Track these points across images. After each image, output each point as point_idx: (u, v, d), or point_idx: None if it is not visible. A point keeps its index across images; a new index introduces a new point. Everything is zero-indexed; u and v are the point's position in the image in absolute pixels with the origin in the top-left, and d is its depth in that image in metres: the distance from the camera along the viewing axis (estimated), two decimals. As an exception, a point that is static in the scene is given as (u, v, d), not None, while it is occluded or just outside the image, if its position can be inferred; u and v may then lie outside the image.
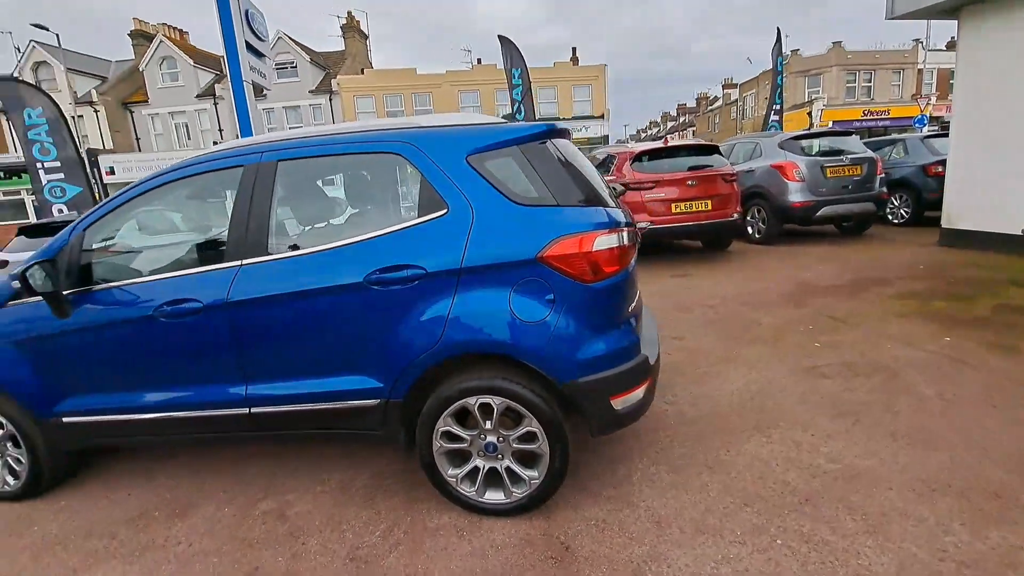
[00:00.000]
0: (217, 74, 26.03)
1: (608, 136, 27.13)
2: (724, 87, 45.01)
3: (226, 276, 2.22)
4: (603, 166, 7.76)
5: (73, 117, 24.26)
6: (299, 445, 2.88)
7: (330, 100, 25.96)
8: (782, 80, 12.51)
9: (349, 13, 28.62)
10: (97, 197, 11.89)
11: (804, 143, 7.89)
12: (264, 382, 2.27)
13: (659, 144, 7.48)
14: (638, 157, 7.02)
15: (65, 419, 2.47)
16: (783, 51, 14.27)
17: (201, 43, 29.41)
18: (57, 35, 20.09)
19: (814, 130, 9.17)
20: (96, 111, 24.66)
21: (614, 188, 3.01)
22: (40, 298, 2.32)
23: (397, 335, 2.10)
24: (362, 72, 26.63)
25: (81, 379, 2.45)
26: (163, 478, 2.72)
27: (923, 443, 2.45)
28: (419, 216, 2.14)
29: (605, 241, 2.07)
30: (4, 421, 2.54)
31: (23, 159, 8.59)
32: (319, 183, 2.69)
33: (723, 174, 6.91)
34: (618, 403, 2.12)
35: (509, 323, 2.03)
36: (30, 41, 23.09)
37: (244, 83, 9.34)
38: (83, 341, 2.38)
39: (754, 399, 3.01)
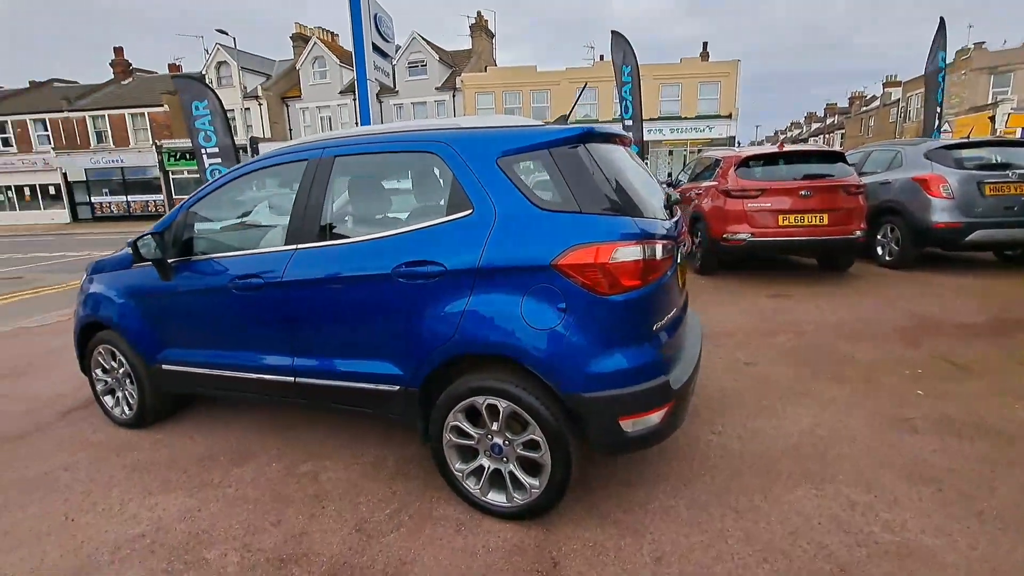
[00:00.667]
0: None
1: (734, 137, 25.26)
2: (885, 85, 39.57)
3: (283, 258, 2.48)
4: (709, 170, 7.27)
5: (242, 109, 28.36)
6: (350, 419, 3.12)
7: (454, 96, 27.31)
8: (944, 78, 10.67)
9: (479, 13, 29.78)
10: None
11: (959, 154, 6.67)
12: (307, 356, 2.51)
13: (770, 148, 6.82)
14: (744, 162, 6.46)
15: (164, 366, 2.95)
16: (953, 44, 12.15)
17: (348, 44, 32.56)
18: (234, 39, 23.46)
19: (975, 139, 7.69)
20: (260, 104, 28.46)
21: (670, 196, 2.82)
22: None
23: (417, 327, 2.20)
24: (485, 70, 27.61)
25: (176, 334, 2.91)
26: (237, 428, 3.13)
27: (1018, 531, 2.00)
28: (448, 214, 2.21)
29: (626, 253, 1.97)
30: (124, 361, 3.09)
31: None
32: (370, 178, 2.88)
33: (846, 185, 6.12)
34: (628, 425, 2.02)
35: (518, 327, 2.02)
36: (215, 44, 27.24)
37: (368, 81, 10.22)
38: (179, 302, 2.83)
39: (815, 444, 2.67)
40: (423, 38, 27.07)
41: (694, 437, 2.79)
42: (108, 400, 3.27)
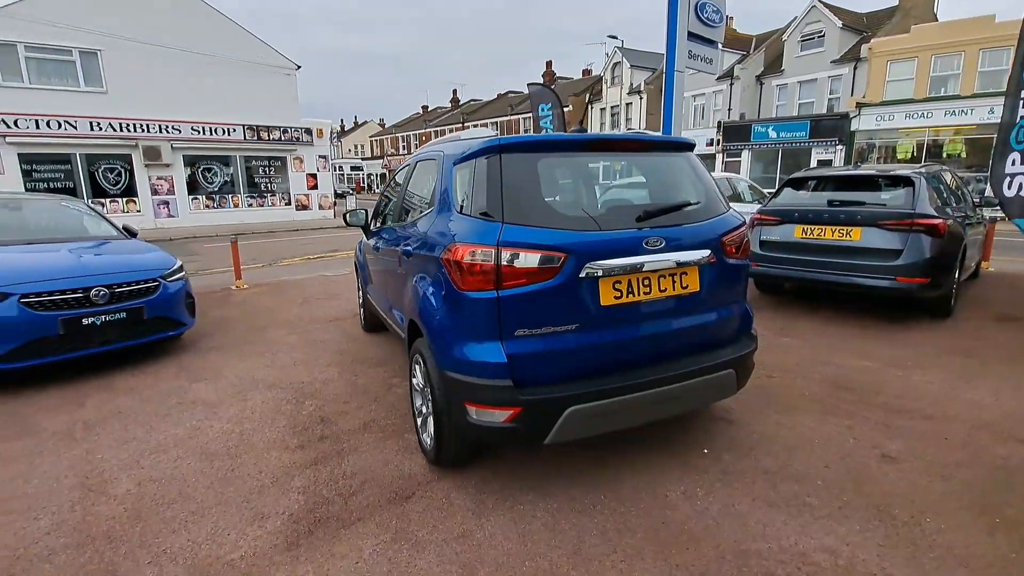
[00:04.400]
0: (743, 54, 27.17)
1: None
2: None
3: (404, 231, 3.41)
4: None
5: (624, 105, 31.54)
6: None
7: (854, 69, 22.55)
8: None
9: (921, -45, 23.03)
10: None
11: None
12: (386, 299, 3.64)
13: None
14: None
15: (368, 295, 4.69)
16: None
17: (741, 28, 31.03)
18: (622, 40, 26.20)
19: None
20: (641, 98, 30.93)
21: (651, 210, 2.47)
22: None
23: (405, 294, 2.96)
24: (908, 31, 21.47)
25: (368, 276, 4.54)
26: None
27: None
28: (433, 209, 2.79)
29: (475, 255, 2.16)
30: (361, 294, 5.02)
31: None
32: (422, 178, 3.43)
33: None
34: (472, 411, 2.24)
35: (426, 306, 2.52)
36: (615, 48, 30.98)
37: (676, 72, 10.13)
38: (370, 256, 4.40)
39: None
40: (825, 4, 23.22)
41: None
42: (361, 311, 5.33)
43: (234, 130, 18.50)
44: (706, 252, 2.47)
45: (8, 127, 14.58)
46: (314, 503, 2.49)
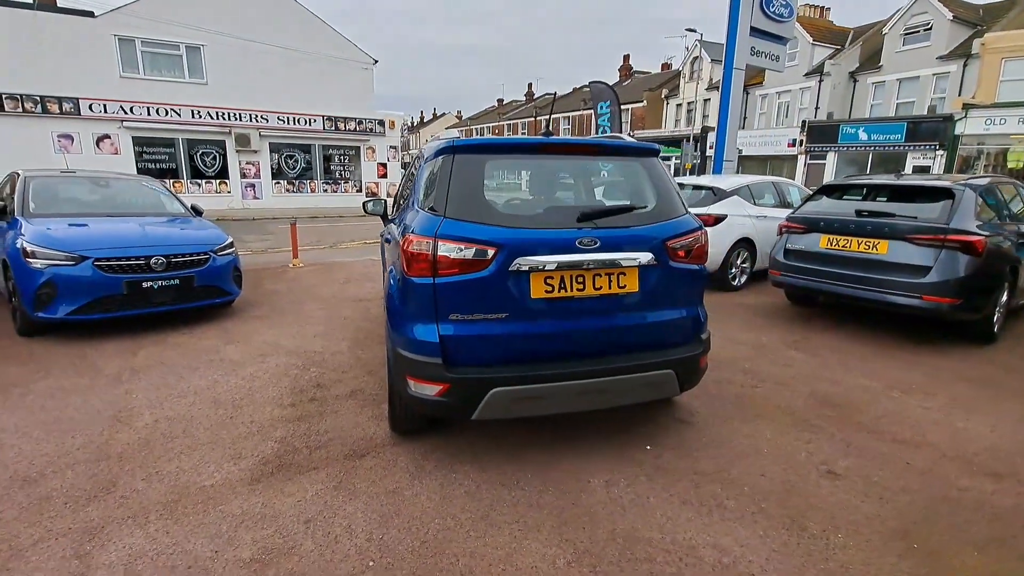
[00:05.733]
0: (837, 48, 25.21)
1: None
2: None
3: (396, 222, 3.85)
4: None
5: (702, 101, 30.28)
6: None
7: (964, 67, 20.27)
8: None
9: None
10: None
11: None
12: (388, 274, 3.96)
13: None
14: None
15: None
16: None
17: (836, 19, 28.73)
18: (701, 34, 25.17)
19: None
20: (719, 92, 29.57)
21: (594, 211, 2.59)
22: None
23: (386, 279, 3.28)
24: (1036, 22, 18.92)
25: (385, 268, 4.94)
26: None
27: None
28: (409, 201, 3.07)
29: (418, 245, 2.42)
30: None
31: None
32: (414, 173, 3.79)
33: None
34: (412, 384, 2.51)
35: (389, 289, 2.81)
36: (695, 41, 29.78)
37: (735, 69, 9.70)
38: (385, 246, 4.77)
39: None
40: (937, -6, 20.99)
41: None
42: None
43: (315, 120, 19.92)
44: (646, 255, 2.57)
45: (126, 113, 16.70)
46: (284, 451, 2.88)
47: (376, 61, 21.07)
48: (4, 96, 15.15)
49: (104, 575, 1.97)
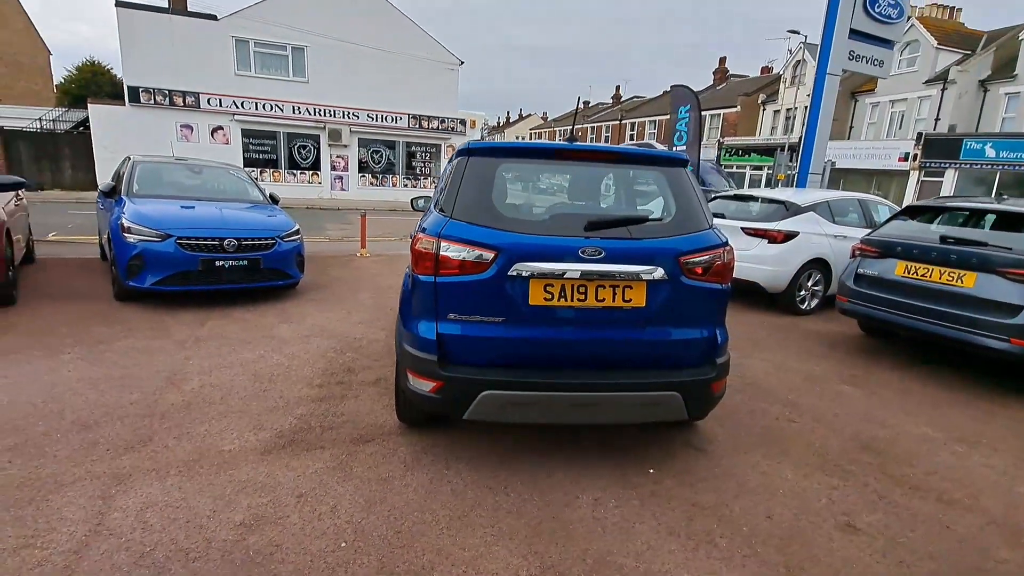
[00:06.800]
0: (966, 53, 22.40)
1: None
2: None
3: None
4: None
5: (804, 107, 28.10)
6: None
7: None
8: None
9: None
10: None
11: None
12: None
13: None
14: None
15: None
16: None
17: (968, 20, 25.53)
18: (805, 36, 23.37)
19: None
20: (822, 101, 27.31)
21: (601, 220, 2.52)
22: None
23: None
24: None
25: None
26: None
27: None
28: None
29: (424, 244, 2.49)
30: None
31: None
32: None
33: None
34: (411, 378, 2.60)
35: (403, 284, 2.91)
36: (799, 44, 27.74)
37: (828, 75, 8.87)
38: None
39: None
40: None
41: None
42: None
43: (400, 118, 20.93)
44: (655, 269, 2.46)
45: (237, 108, 18.51)
46: (300, 428, 3.08)
47: (462, 62, 21.72)
48: (140, 89, 17.36)
49: (119, 516, 2.23)
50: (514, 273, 2.40)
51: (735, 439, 3.20)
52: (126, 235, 5.07)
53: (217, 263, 5.24)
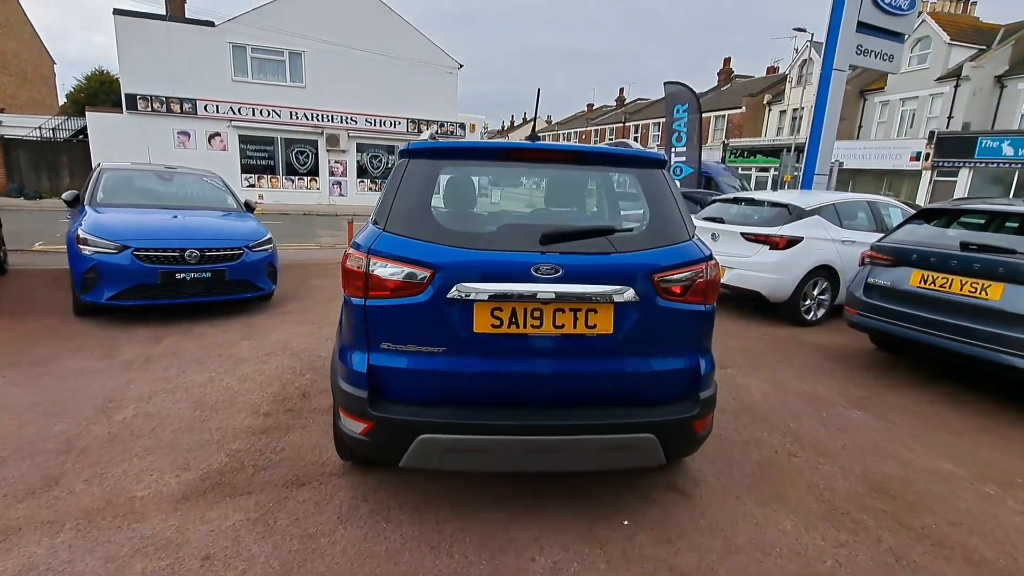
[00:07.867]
0: (981, 49, 21.77)
1: None
2: None
3: None
4: None
5: (809, 108, 27.54)
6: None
7: None
8: None
9: None
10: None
11: None
12: None
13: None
14: None
15: None
16: None
17: (982, 14, 24.86)
18: (812, 34, 22.88)
19: None
20: (831, 101, 26.73)
21: (556, 232, 2.13)
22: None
23: None
24: None
25: None
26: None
27: None
28: None
29: (349, 260, 2.13)
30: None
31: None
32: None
33: None
34: (342, 418, 2.23)
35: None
36: (805, 43, 27.19)
37: (835, 71, 8.43)
38: None
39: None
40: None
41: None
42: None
43: (399, 123, 20.68)
44: (623, 289, 2.08)
45: (235, 114, 18.35)
46: (230, 467, 2.72)
47: (461, 66, 21.45)
48: (138, 96, 17.25)
49: (-20, 590, 1.88)
50: (455, 295, 2.02)
51: (725, 479, 2.79)
52: (81, 247, 4.76)
53: (178, 275, 4.92)
